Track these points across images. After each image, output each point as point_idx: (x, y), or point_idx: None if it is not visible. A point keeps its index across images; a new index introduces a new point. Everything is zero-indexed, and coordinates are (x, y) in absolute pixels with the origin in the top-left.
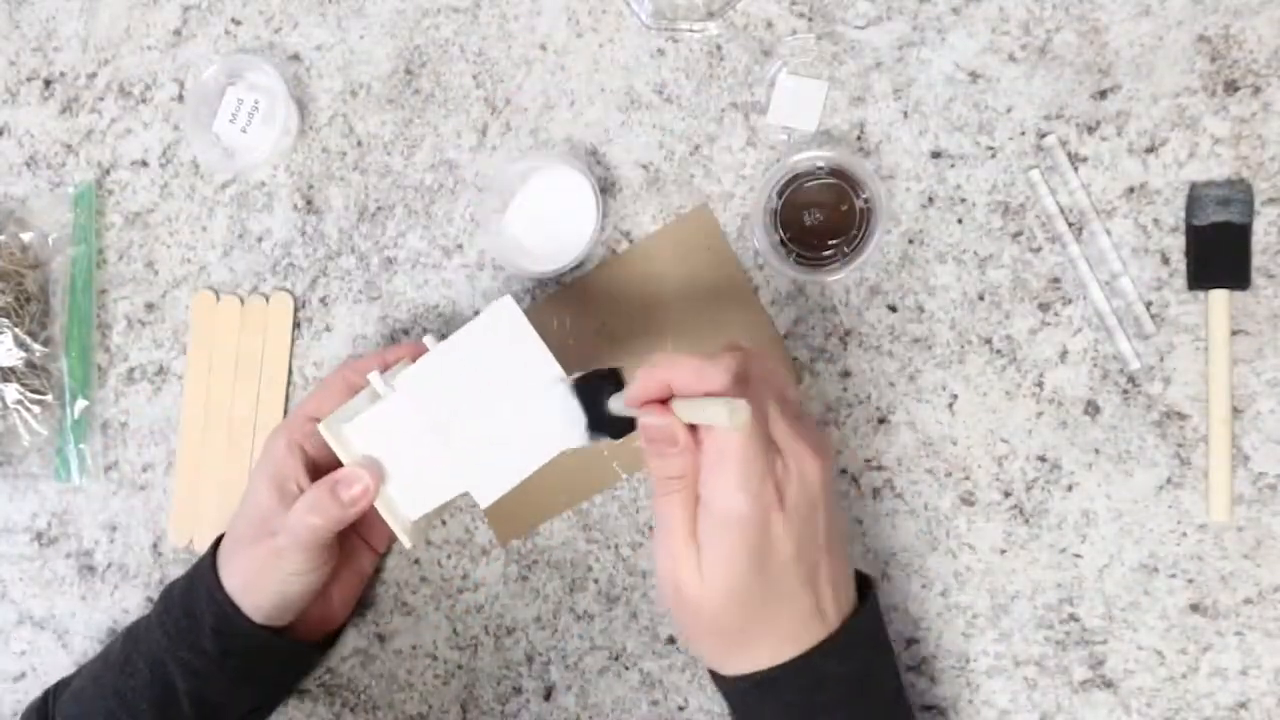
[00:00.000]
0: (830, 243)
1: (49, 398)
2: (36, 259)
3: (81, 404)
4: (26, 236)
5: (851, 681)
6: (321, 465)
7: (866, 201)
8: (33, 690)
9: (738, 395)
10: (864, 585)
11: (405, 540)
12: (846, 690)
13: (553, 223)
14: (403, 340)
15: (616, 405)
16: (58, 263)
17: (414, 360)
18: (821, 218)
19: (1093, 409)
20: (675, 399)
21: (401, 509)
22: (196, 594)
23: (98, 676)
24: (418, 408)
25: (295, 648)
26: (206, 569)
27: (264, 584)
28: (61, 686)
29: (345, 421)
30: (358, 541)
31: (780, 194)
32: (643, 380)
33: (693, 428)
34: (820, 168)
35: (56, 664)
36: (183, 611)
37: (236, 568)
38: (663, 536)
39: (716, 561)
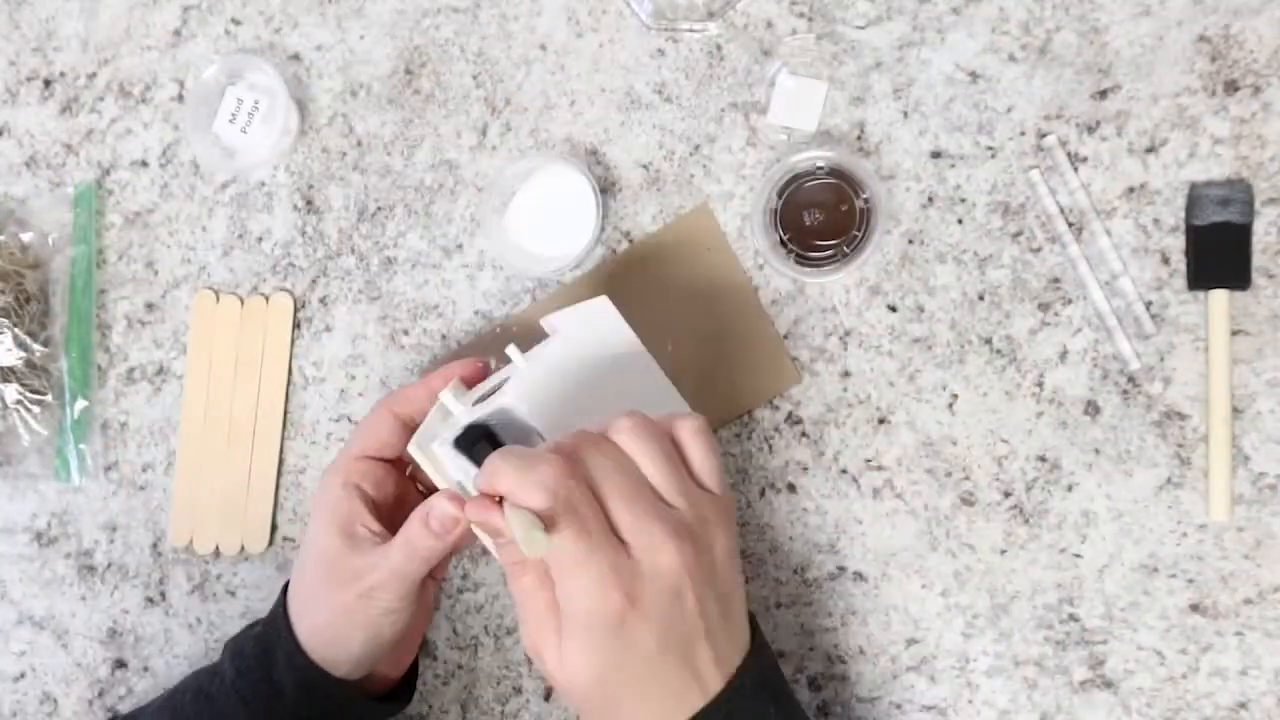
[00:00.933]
0: (830, 243)
1: (49, 398)
2: (36, 259)
3: (81, 404)
4: (26, 236)
5: None
6: (380, 504)
7: (866, 201)
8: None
9: (562, 499)
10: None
11: (499, 555)
12: None
13: (553, 223)
14: (404, 337)
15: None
16: (58, 263)
17: (465, 380)
18: (821, 218)
19: (1093, 409)
20: (507, 506)
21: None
22: (274, 657)
23: None
24: (526, 413)
25: (380, 708)
26: (282, 628)
27: (352, 632)
28: None
29: (431, 441)
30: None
31: (780, 194)
32: (481, 479)
33: None
34: (820, 168)
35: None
36: (260, 675)
37: (319, 622)
38: (524, 617)
39: (574, 653)
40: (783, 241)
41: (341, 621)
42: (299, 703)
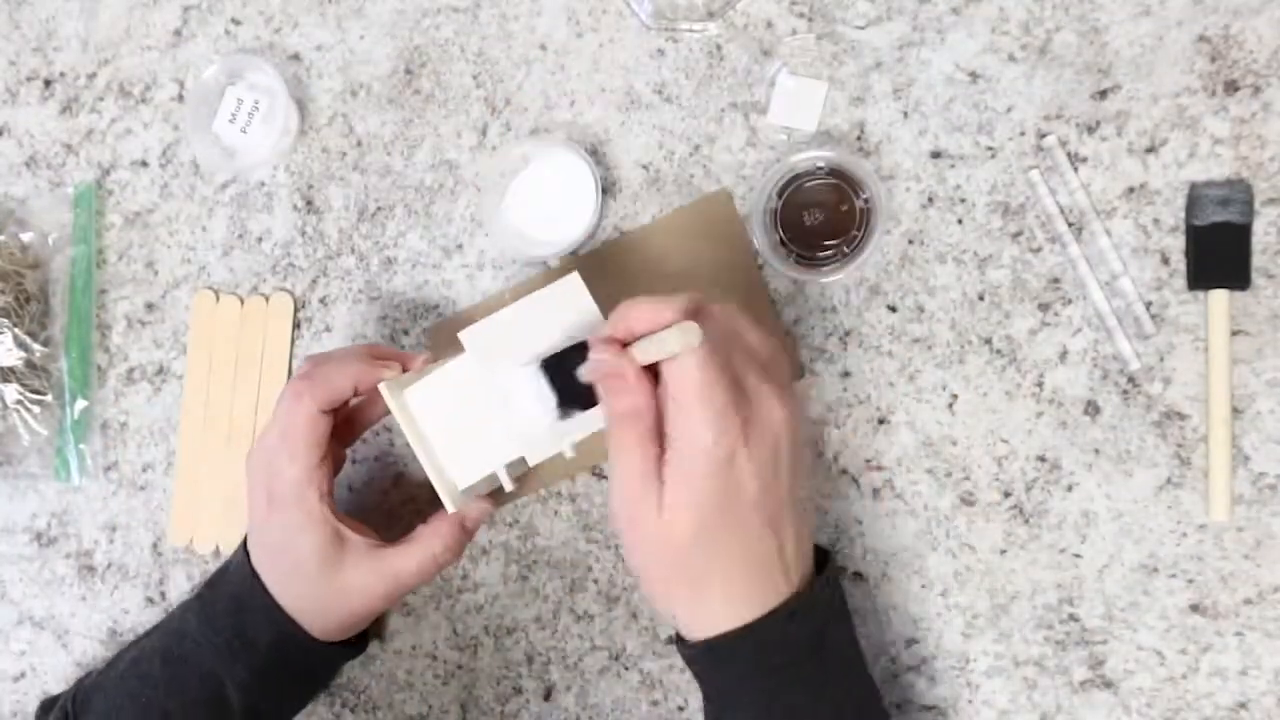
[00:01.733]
0: (830, 243)
1: (49, 398)
2: (36, 259)
3: (81, 404)
4: (26, 236)
5: (810, 646)
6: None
7: (866, 201)
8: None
9: (695, 316)
10: (822, 559)
11: (450, 507)
12: (805, 656)
13: (552, 207)
14: (404, 337)
15: (584, 373)
16: (57, 263)
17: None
18: (821, 218)
19: (1093, 409)
20: (635, 343)
21: (451, 476)
22: (249, 617)
23: (135, 695)
24: (484, 367)
25: (352, 652)
26: (255, 589)
27: (338, 610)
28: (80, 703)
29: (404, 386)
30: None
31: (780, 194)
32: (606, 327)
33: (656, 376)
34: (820, 168)
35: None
36: (234, 633)
37: (301, 593)
38: (620, 481)
39: (680, 496)
40: (783, 241)
41: (329, 601)
42: (276, 655)
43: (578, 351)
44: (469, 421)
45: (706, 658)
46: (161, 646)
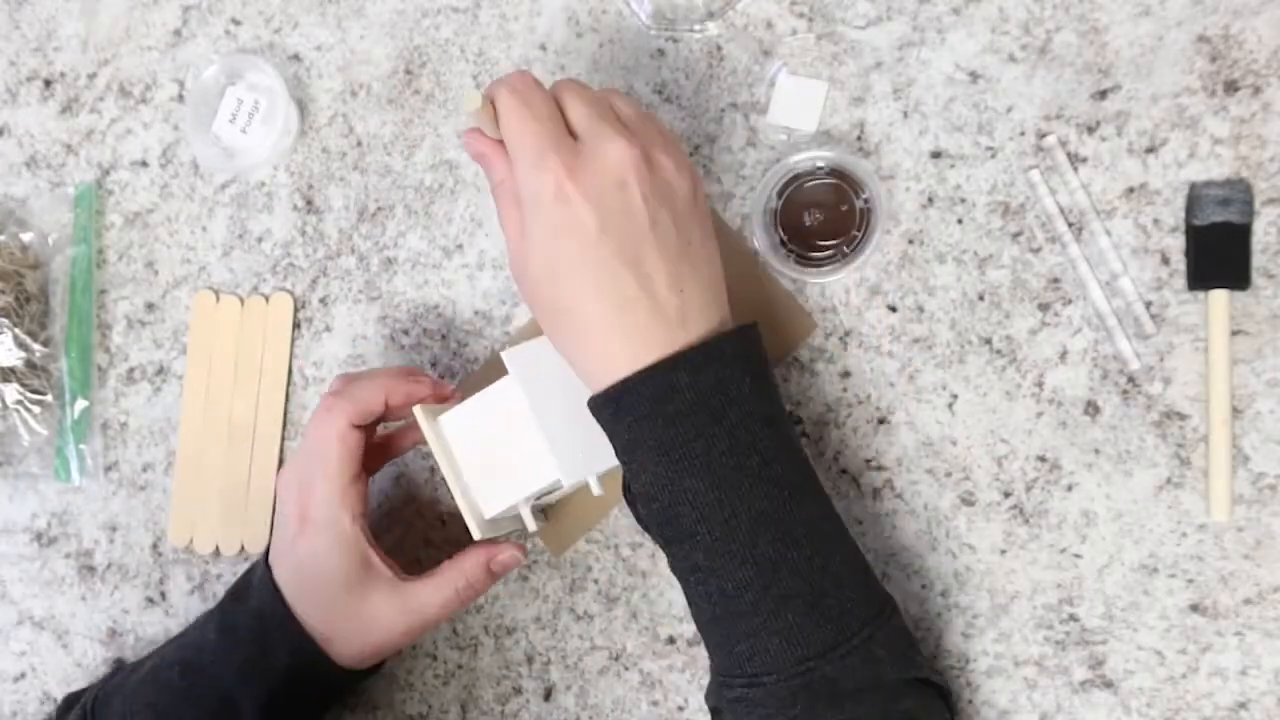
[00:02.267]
0: (830, 243)
1: (49, 398)
2: (36, 259)
3: (81, 404)
4: (26, 236)
5: (708, 397)
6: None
7: (866, 202)
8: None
9: (511, 87)
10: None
11: (476, 534)
12: (700, 404)
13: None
14: (404, 337)
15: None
16: (57, 263)
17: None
18: (821, 218)
19: (1092, 409)
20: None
21: (479, 504)
22: (270, 635)
23: (152, 703)
24: (523, 390)
25: (371, 674)
26: (277, 608)
27: (359, 639)
28: (100, 704)
29: (439, 412)
30: None
31: (780, 194)
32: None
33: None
34: (820, 168)
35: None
36: (255, 651)
37: (324, 615)
38: (506, 244)
39: (528, 239)
40: (783, 241)
41: (355, 629)
42: (295, 676)
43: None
44: (502, 450)
45: (606, 409)
46: (181, 658)
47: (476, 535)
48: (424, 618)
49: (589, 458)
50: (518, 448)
